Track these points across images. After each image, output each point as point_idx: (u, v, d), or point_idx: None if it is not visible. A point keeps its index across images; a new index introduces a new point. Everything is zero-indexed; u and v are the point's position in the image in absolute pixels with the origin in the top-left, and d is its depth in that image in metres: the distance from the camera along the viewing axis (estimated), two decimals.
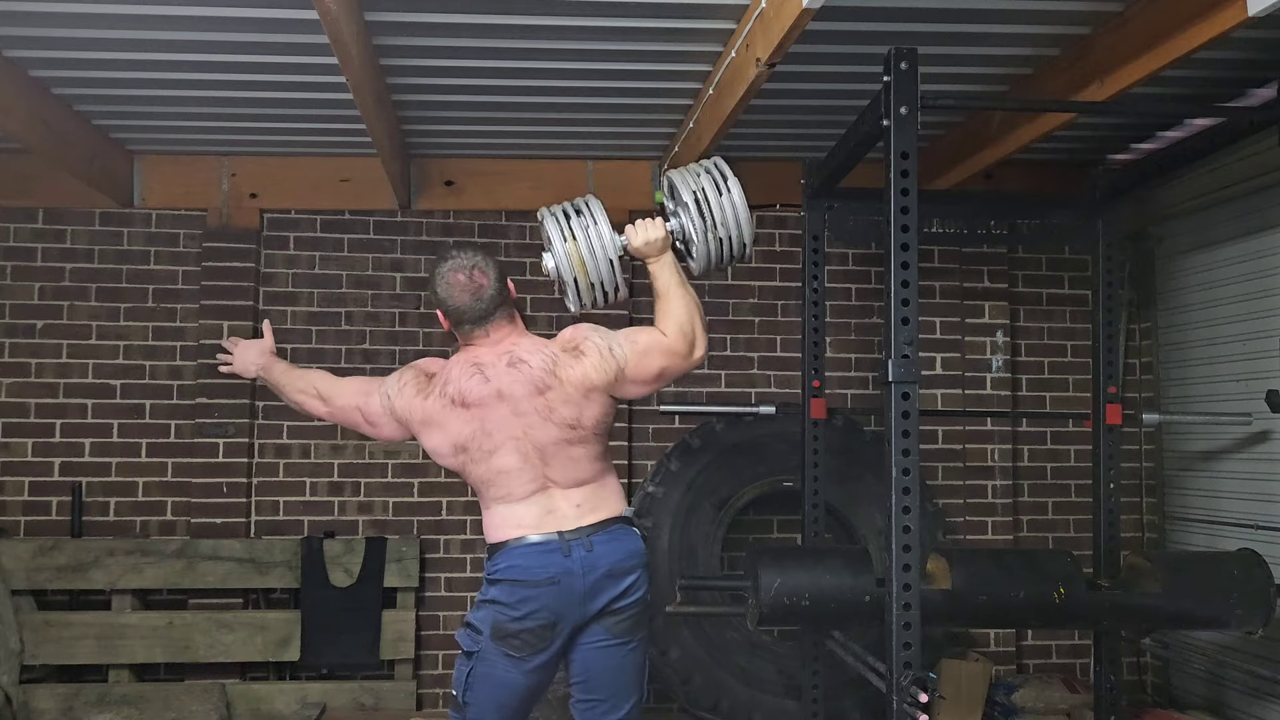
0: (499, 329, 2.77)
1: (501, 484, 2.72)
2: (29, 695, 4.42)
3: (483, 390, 2.69)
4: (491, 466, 2.71)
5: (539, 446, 2.70)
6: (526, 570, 2.65)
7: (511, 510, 2.72)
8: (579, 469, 2.75)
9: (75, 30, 3.40)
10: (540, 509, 2.71)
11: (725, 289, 5.02)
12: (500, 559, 2.70)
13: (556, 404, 2.69)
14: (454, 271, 2.73)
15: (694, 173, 2.87)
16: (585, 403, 2.71)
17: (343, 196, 4.89)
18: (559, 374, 2.70)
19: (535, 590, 2.64)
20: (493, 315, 2.74)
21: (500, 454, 2.69)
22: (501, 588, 2.67)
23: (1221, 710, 4.50)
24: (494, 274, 2.75)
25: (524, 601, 2.64)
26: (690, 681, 4.32)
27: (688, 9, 3.26)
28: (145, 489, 4.77)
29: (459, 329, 2.78)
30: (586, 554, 2.67)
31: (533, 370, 2.70)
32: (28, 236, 4.79)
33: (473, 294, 2.71)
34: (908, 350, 2.74)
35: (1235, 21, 2.75)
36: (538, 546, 2.67)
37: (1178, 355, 4.87)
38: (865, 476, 4.55)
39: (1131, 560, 3.61)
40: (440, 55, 3.63)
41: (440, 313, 2.80)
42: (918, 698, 2.60)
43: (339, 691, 4.60)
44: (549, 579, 2.64)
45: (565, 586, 2.65)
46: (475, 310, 2.72)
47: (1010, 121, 4.00)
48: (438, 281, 2.75)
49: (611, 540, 2.72)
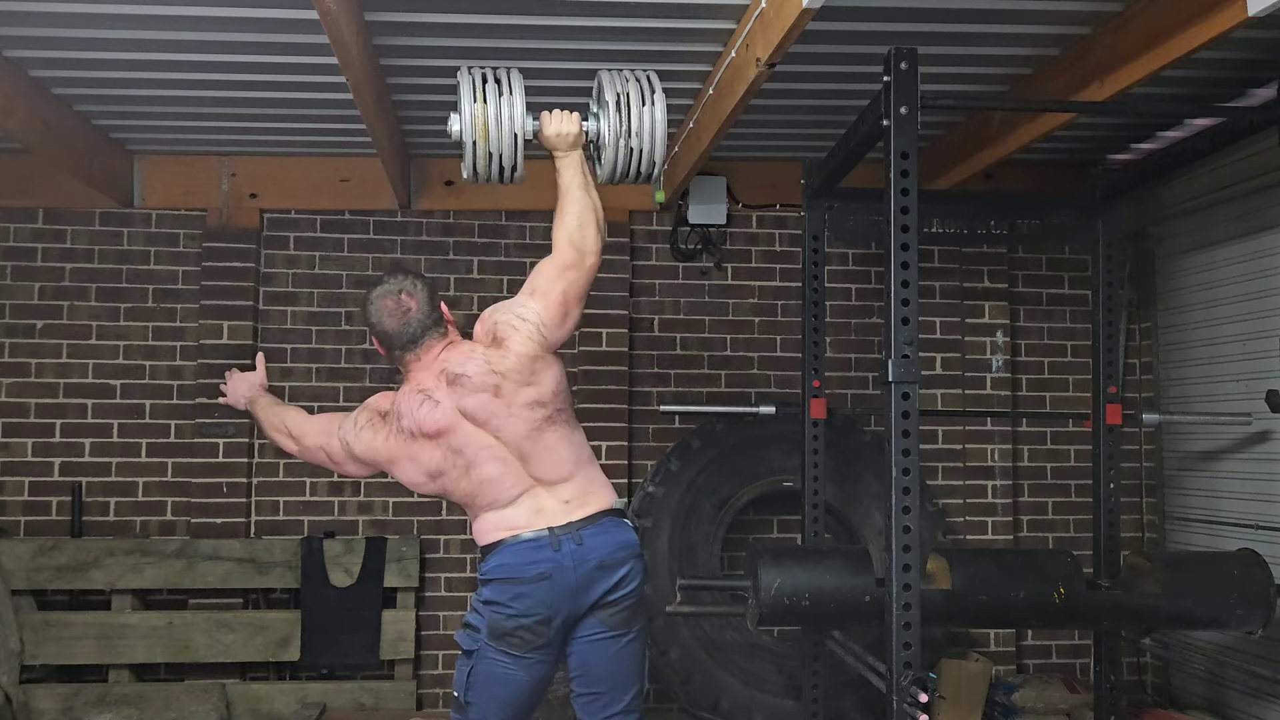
0: (429, 350, 2.77)
1: (487, 493, 2.72)
2: (29, 695, 4.42)
3: (436, 415, 2.70)
4: (474, 479, 2.71)
5: (514, 445, 2.70)
6: (518, 567, 2.66)
7: (500, 514, 2.72)
8: (558, 458, 2.73)
9: (75, 30, 3.39)
10: (528, 509, 2.72)
11: (725, 289, 5.02)
12: (491, 559, 2.72)
13: (511, 395, 2.69)
14: (382, 297, 2.76)
15: (624, 77, 2.84)
16: (535, 376, 2.71)
17: (343, 196, 4.89)
18: (497, 369, 2.70)
19: (528, 587, 2.65)
20: (421, 338, 2.76)
21: (479, 466, 2.70)
22: (494, 587, 2.68)
23: (1221, 710, 4.50)
24: (423, 296, 2.77)
25: (518, 598, 2.65)
26: (690, 681, 4.32)
27: (688, 9, 3.26)
28: (145, 489, 4.77)
29: (391, 355, 2.81)
30: (576, 547, 2.67)
31: (473, 379, 2.70)
32: (28, 236, 4.79)
33: (399, 318, 2.74)
34: (908, 350, 2.74)
35: (1235, 21, 2.75)
36: (528, 543, 2.67)
37: (1178, 355, 4.87)
38: (865, 476, 4.55)
39: (1131, 560, 3.62)
40: (440, 55, 3.63)
41: (374, 340, 2.83)
42: (918, 698, 2.60)
43: (339, 691, 4.60)
44: (540, 574, 2.65)
45: (557, 581, 2.65)
46: (404, 334, 2.74)
47: (1010, 121, 4.00)
48: (368, 308, 2.78)
49: (601, 533, 2.71)
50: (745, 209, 5.04)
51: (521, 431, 2.70)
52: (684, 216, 4.98)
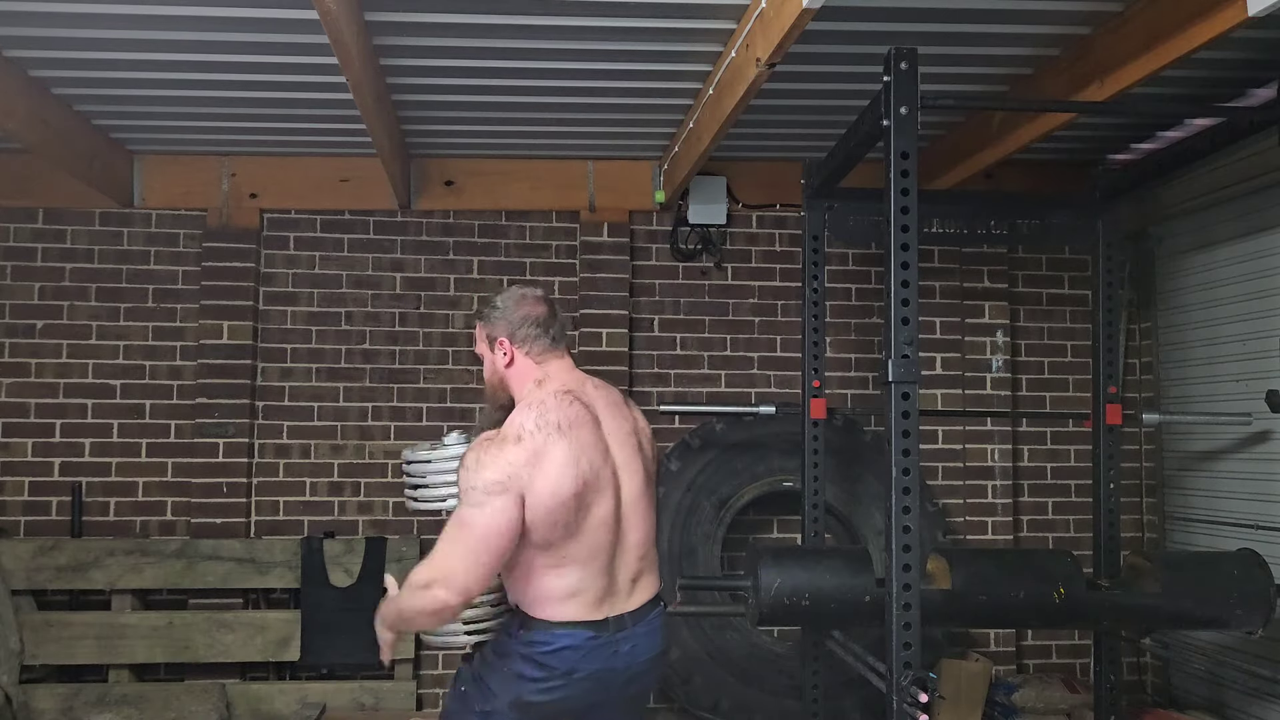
0: (568, 358, 2.62)
1: (594, 541, 2.42)
2: (29, 695, 4.42)
3: (586, 419, 2.45)
4: (597, 516, 2.42)
5: (630, 491, 2.51)
6: (573, 663, 2.42)
7: (581, 580, 2.42)
8: (648, 524, 2.56)
9: (75, 30, 3.39)
10: (606, 584, 2.46)
11: (725, 289, 5.02)
12: (543, 639, 2.41)
13: (641, 437, 2.59)
14: (530, 290, 2.61)
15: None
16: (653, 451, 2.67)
17: (343, 196, 4.89)
18: (634, 410, 2.66)
19: (577, 683, 2.43)
20: (566, 339, 2.63)
21: (602, 501, 2.43)
22: (538, 669, 2.42)
23: (1221, 710, 4.50)
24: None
25: (560, 690, 2.43)
26: (690, 681, 4.32)
27: (688, 9, 3.26)
28: (145, 489, 4.77)
29: (535, 345, 2.54)
30: (630, 649, 2.48)
31: (615, 392, 2.61)
32: (28, 236, 4.79)
33: (549, 308, 2.59)
34: (908, 350, 2.74)
35: (1235, 21, 2.75)
36: (590, 641, 2.42)
37: (1178, 355, 4.87)
38: (865, 476, 4.55)
39: (1131, 560, 3.61)
40: (440, 55, 3.63)
41: (505, 336, 2.56)
42: (918, 698, 2.60)
43: (339, 691, 4.60)
44: (591, 675, 2.44)
45: (604, 682, 2.47)
46: (558, 326, 2.58)
47: (1010, 121, 4.00)
48: (510, 299, 2.58)
49: (651, 634, 2.54)
50: (745, 209, 5.04)
51: (639, 481, 2.53)
52: (684, 216, 4.98)
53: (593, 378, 2.65)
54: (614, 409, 2.57)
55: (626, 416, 2.60)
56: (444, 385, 4.90)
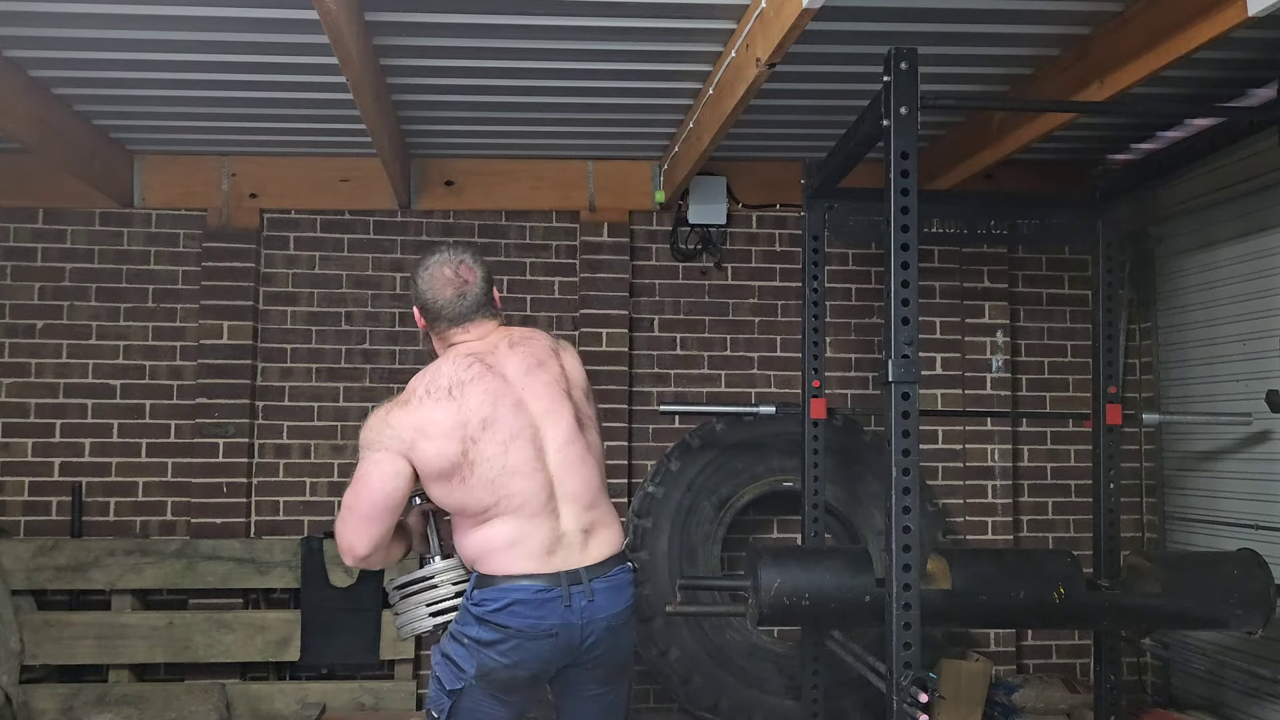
0: (481, 326, 2.62)
1: (515, 489, 2.45)
2: (29, 695, 4.42)
3: (486, 378, 2.49)
4: (504, 466, 2.44)
5: (555, 438, 2.52)
6: (523, 620, 2.42)
7: (517, 528, 2.46)
8: (588, 470, 2.57)
9: (75, 30, 3.39)
10: (549, 533, 2.48)
11: (725, 289, 5.02)
12: (492, 596, 2.44)
13: (567, 385, 2.59)
14: (441, 265, 2.61)
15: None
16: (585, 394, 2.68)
17: (343, 196, 4.89)
18: (563, 358, 2.66)
19: (531, 643, 2.43)
20: (475, 315, 2.61)
21: (513, 450, 2.46)
22: (492, 630, 2.43)
23: (1221, 710, 4.50)
24: (481, 273, 2.63)
25: (518, 650, 2.43)
26: (690, 681, 4.32)
27: (688, 9, 3.26)
28: (145, 489, 4.77)
29: (436, 325, 2.63)
30: (587, 604, 2.47)
31: (538, 345, 2.61)
32: (28, 236, 4.79)
33: (457, 289, 2.59)
34: (908, 350, 2.74)
35: (1235, 21, 2.75)
36: (540, 595, 2.43)
37: (1178, 355, 4.87)
38: (865, 476, 4.55)
39: (1131, 560, 3.61)
40: (440, 55, 3.63)
41: (417, 309, 2.66)
42: (918, 698, 2.60)
43: (339, 691, 4.60)
44: (546, 632, 2.44)
45: (563, 639, 2.46)
46: (458, 306, 2.59)
47: (1010, 121, 4.00)
48: (421, 274, 2.62)
49: (612, 590, 2.53)
50: (745, 209, 5.04)
51: (566, 425, 2.53)
52: (684, 216, 4.98)
53: (516, 332, 2.66)
54: (530, 361, 2.58)
55: (548, 366, 2.60)
56: None
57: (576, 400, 2.63)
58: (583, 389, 2.70)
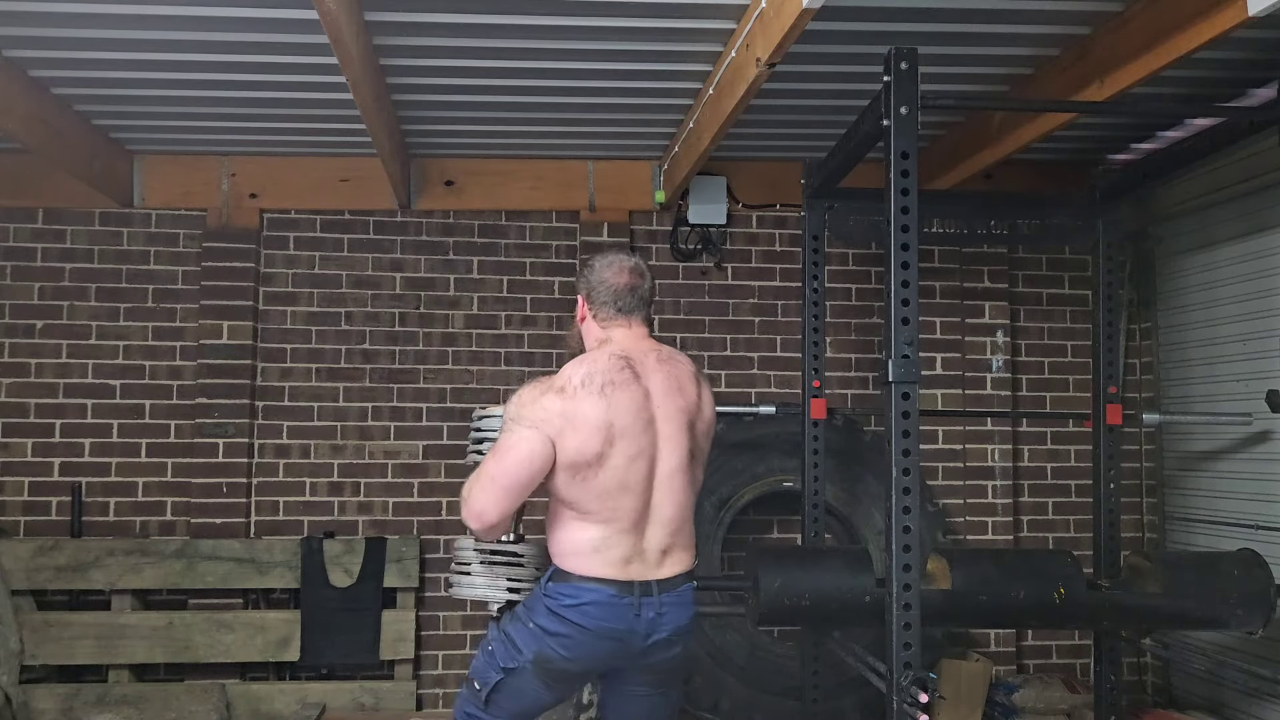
0: (640, 326, 2.75)
1: (620, 505, 2.56)
2: (29, 695, 4.42)
3: (633, 386, 2.58)
4: (622, 481, 2.55)
5: (666, 465, 2.61)
6: (595, 620, 2.54)
7: (606, 537, 2.56)
8: (684, 499, 2.66)
9: (75, 30, 3.39)
10: (631, 547, 2.58)
11: (725, 289, 5.02)
12: (569, 593, 2.56)
13: (695, 416, 2.68)
14: (622, 259, 2.77)
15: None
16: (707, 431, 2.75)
17: (343, 196, 4.89)
18: (701, 389, 2.74)
19: (595, 642, 2.55)
20: (640, 310, 2.75)
21: (634, 468, 2.56)
22: (561, 623, 2.55)
23: (1221, 710, 4.50)
24: (651, 280, 2.79)
25: (581, 647, 2.55)
26: (690, 681, 4.32)
27: (688, 9, 3.26)
28: (145, 489, 4.77)
29: (602, 310, 2.73)
30: (654, 616, 2.57)
31: (683, 369, 2.71)
32: (28, 236, 4.79)
33: (633, 281, 2.72)
34: (908, 350, 2.74)
35: (1235, 21, 2.75)
36: (613, 599, 2.54)
37: (1178, 355, 4.87)
38: (865, 476, 4.55)
39: (1131, 560, 3.61)
40: (440, 55, 3.63)
41: (584, 296, 2.77)
42: (918, 698, 2.60)
43: (339, 691, 4.60)
44: (612, 634, 2.55)
45: (625, 644, 2.57)
46: (629, 298, 2.72)
47: (1010, 121, 4.00)
48: (600, 262, 2.77)
49: (679, 604, 2.63)
50: (745, 209, 5.04)
51: (680, 457, 2.63)
52: (684, 216, 4.98)
53: (665, 349, 2.76)
54: (672, 383, 2.67)
55: (686, 393, 2.69)
56: (444, 385, 4.90)
57: (698, 433, 2.72)
58: (707, 424, 2.77)
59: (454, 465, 4.84)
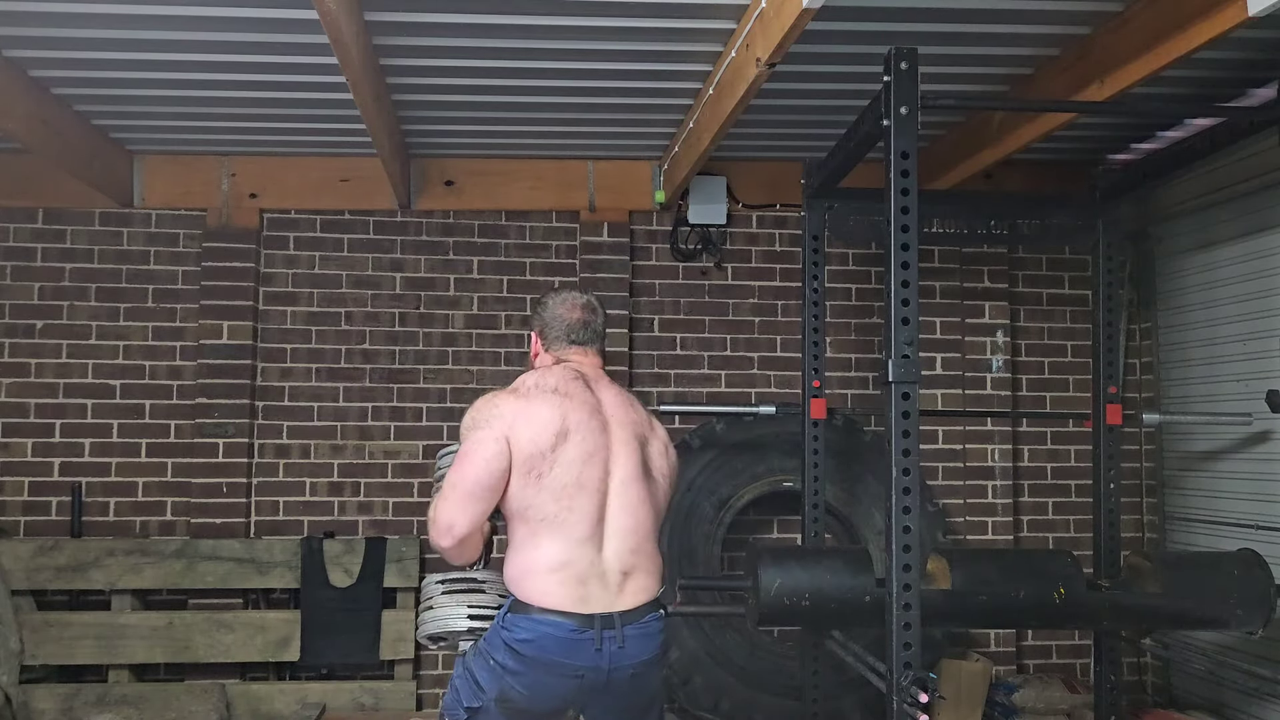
0: (592, 356, 2.84)
1: (574, 505, 2.54)
2: (29, 695, 4.42)
3: (586, 393, 2.67)
4: (577, 478, 2.55)
5: (621, 471, 2.63)
6: (551, 656, 2.48)
7: (563, 551, 2.52)
8: (642, 513, 2.64)
9: (75, 30, 3.39)
10: (589, 565, 2.53)
11: (725, 289, 5.02)
12: (525, 625, 2.50)
13: (648, 434, 2.76)
14: (574, 295, 2.87)
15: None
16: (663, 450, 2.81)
17: (343, 196, 4.89)
18: (652, 420, 2.84)
19: (556, 680, 2.50)
20: (594, 343, 2.85)
21: (589, 466, 2.57)
22: (519, 660, 2.49)
23: (1221, 710, 4.50)
24: (604, 316, 2.90)
25: (542, 687, 2.51)
26: (690, 682, 4.32)
27: (688, 9, 3.26)
28: (145, 489, 4.77)
29: (555, 344, 2.83)
30: (617, 650, 2.51)
31: (632, 397, 2.82)
32: (28, 236, 4.79)
33: (586, 316, 2.83)
34: (908, 350, 2.74)
35: (1235, 21, 2.76)
36: (572, 634, 2.48)
37: (1178, 355, 4.87)
38: (865, 476, 4.55)
39: (1131, 560, 3.61)
40: (440, 55, 3.63)
41: (536, 331, 2.86)
42: (918, 698, 2.60)
43: (339, 691, 4.60)
44: (574, 673, 2.49)
45: (588, 681, 2.51)
46: (584, 331, 2.82)
47: (1010, 121, 4.00)
48: (554, 299, 2.86)
49: (643, 636, 2.57)
50: (745, 209, 5.04)
51: (635, 468, 2.66)
52: (684, 216, 4.98)
53: (617, 385, 2.85)
54: (623, 399, 2.77)
55: (636, 410, 2.78)
56: (444, 385, 4.90)
57: (652, 452, 2.76)
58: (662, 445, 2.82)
59: None
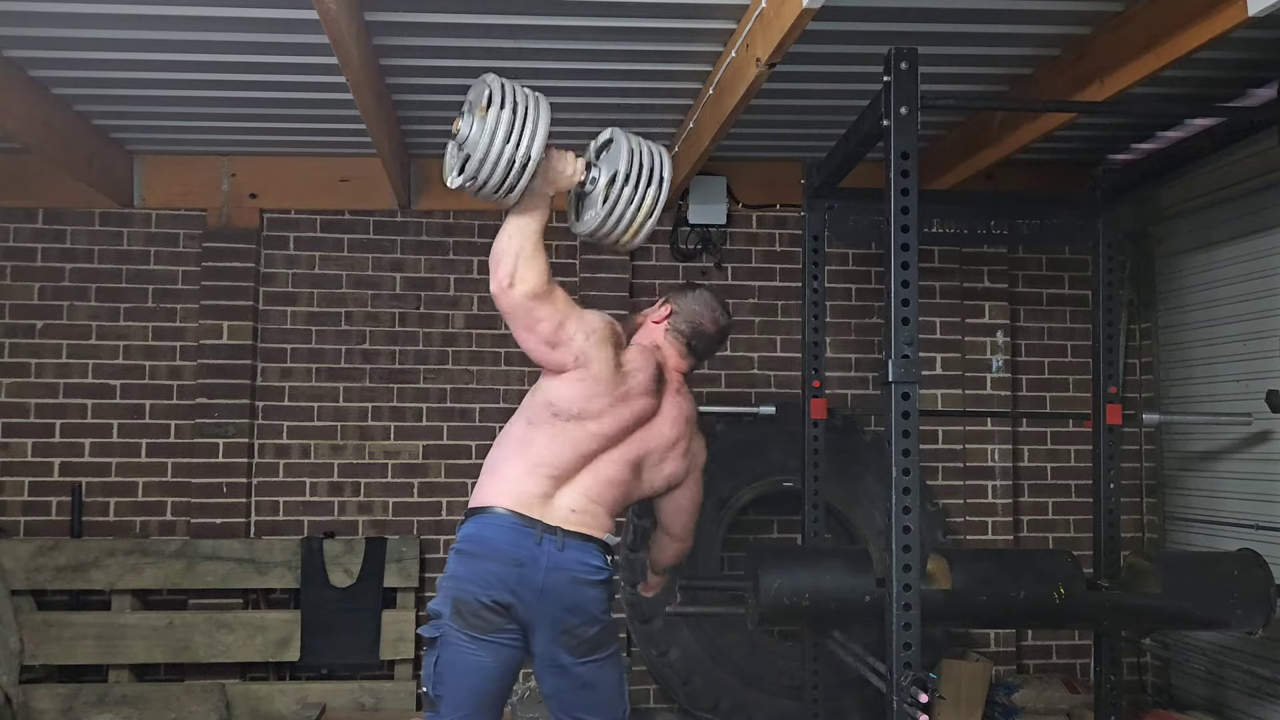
0: (686, 363, 3.01)
1: (569, 442, 2.72)
2: (29, 695, 4.42)
3: (651, 377, 2.83)
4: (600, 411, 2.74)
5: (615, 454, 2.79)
6: (494, 544, 2.65)
7: (533, 473, 2.70)
8: (611, 491, 2.80)
9: (75, 30, 3.39)
10: (545, 496, 2.71)
11: (726, 289, 5.01)
12: (469, 526, 2.72)
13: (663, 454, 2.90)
14: (721, 315, 3.03)
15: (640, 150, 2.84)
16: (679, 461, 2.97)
17: (343, 196, 4.89)
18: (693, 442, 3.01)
19: (498, 566, 2.63)
20: (695, 358, 3.03)
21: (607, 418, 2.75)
22: (462, 560, 2.68)
23: (1221, 710, 4.50)
24: (718, 347, 3.12)
25: (482, 573, 2.63)
26: (690, 682, 4.32)
27: (688, 9, 3.26)
28: (145, 489, 4.77)
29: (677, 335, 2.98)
30: (556, 552, 2.66)
31: (689, 408, 2.95)
32: (28, 236, 4.79)
33: (717, 341, 3.05)
34: (908, 350, 2.74)
35: (1235, 21, 2.75)
36: (513, 524, 2.66)
37: (1178, 355, 4.87)
38: (865, 476, 4.55)
39: (1131, 560, 3.61)
40: (440, 55, 3.63)
41: (672, 308, 2.99)
42: (918, 698, 2.60)
43: (339, 691, 4.60)
44: (514, 560, 2.63)
45: (527, 573, 2.63)
46: (702, 345, 3.01)
47: (1010, 121, 4.00)
48: (703, 301, 3.01)
49: (581, 550, 2.70)
50: (745, 209, 5.04)
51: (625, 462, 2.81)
52: (684, 216, 4.98)
53: (685, 398, 2.98)
54: (676, 413, 2.91)
55: (678, 421, 2.91)
56: (444, 385, 4.90)
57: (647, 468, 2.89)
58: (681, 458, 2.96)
59: (454, 465, 4.84)
